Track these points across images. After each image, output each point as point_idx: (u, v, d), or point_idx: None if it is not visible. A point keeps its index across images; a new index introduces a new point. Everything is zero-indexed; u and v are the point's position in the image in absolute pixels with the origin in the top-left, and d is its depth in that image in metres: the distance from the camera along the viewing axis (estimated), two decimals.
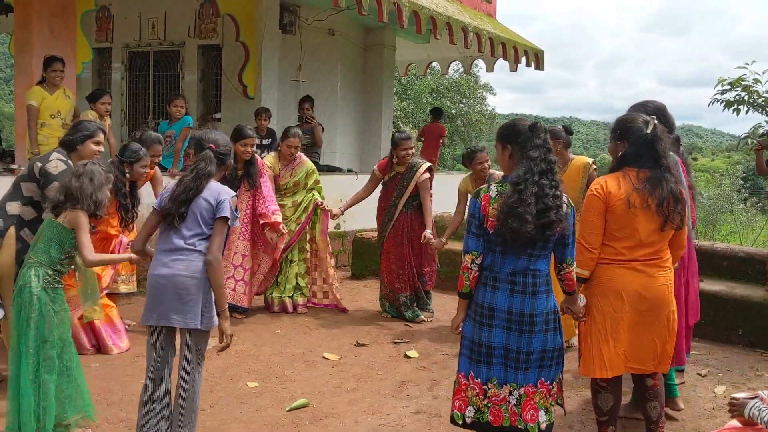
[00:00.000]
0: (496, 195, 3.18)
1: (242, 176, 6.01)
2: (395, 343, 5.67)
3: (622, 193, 3.37)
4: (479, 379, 3.26)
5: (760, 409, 2.67)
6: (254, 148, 6.00)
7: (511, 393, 3.22)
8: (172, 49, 10.59)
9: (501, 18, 13.09)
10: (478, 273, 3.23)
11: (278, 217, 6.06)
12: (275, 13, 9.74)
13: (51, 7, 7.37)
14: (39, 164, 4.13)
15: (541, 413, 3.25)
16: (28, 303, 3.44)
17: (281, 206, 6.38)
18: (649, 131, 3.42)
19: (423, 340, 5.81)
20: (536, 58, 12.23)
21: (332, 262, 6.76)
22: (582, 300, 3.53)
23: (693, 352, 5.57)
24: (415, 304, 6.42)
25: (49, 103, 6.79)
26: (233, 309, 6.17)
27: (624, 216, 3.37)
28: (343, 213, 6.60)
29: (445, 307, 6.92)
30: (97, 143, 4.33)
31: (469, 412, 3.29)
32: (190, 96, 9.64)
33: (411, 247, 6.36)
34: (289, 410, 4.18)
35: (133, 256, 3.80)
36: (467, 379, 3.30)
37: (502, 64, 12.39)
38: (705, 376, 5.06)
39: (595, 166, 5.57)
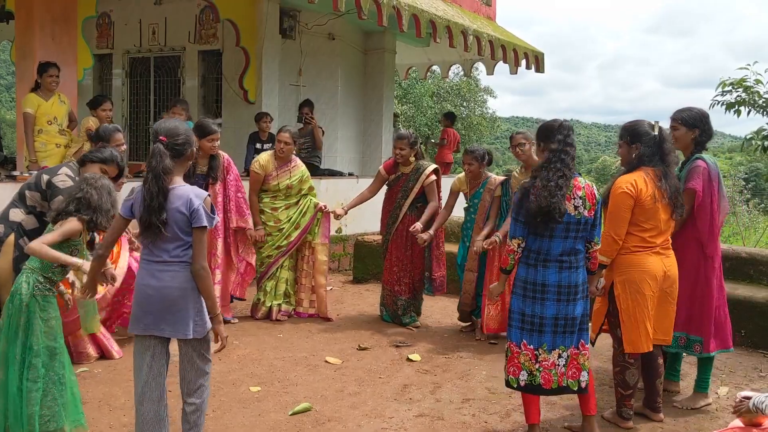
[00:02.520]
0: None
1: (208, 173, 5.93)
2: (397, 346, 5.67)
3: (650, 189, 3.90)
4: (531, 346, 3.67)
5: (762, 401, 2.74)
6: (218, 143, 5.89)
7: (560, 356, 3.67)
8: (173, 55, 10.64)
9: (501, 21, 13.13)
10: (520, 254, 3.69)
11: (247, 222, 6.06)
12: (275, 18, 9.77)
13: (52, 13, 7.39)
14: (46, 177, 4.17)
15: (583, 373, 3.72)
16: (17, 309, 3.43)
17: (274, 209, 6.31)
18: (656, 133, 3.97)
19: (425, 343, 5.80)
20: (536, 61, 12.25)
21: (327, 269, 6.61)
22: (601, 282, 3.99)
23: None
24: (412, 308, 6.40)
25: (45, 109, 6.75)
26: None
27: (651, 209, 3.89)
28: (346, 213, 6.45)
29: (446, 309, 6.92)
30: (103, 171, 4.33)
31: (522, 376, 3.69)
32: (190, 101, 9.62)
33: (413, 250, 6.35)
34: (292, 414, 4.18)
35: (82, 263, 3.57)
36: (519, 347, 3.70)
37: (502, 66, 12.40)
38: None
39: None
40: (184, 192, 3.13)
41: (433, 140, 12.70)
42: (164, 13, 10.50)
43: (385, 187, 6.52)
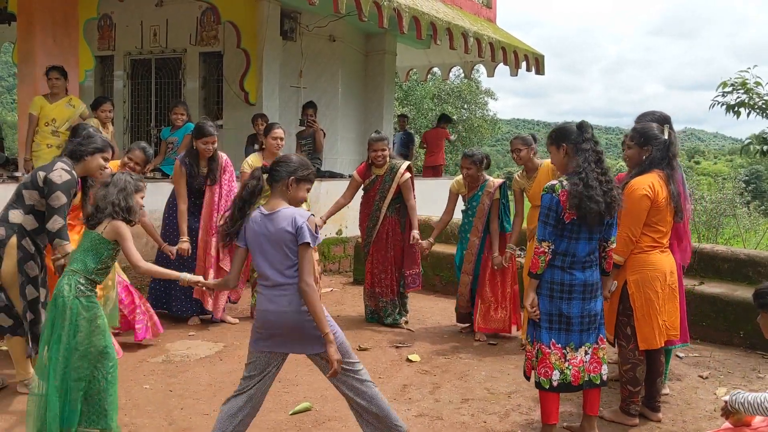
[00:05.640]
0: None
1: (207, 174, 5.98)
2: (397, 347, 5.69)
3: (665, 191, 4.02)
4: (560, 344, 3.72)
5: (737, 395, 2.84)
6: (215, 145, 5.95)
7: (586, 352, 3.74)
8: (174, 57, 10.65)
9: (503, 24, 13.19)
10: (551, 257, 3.66)
11: None
12: (276, 20, 9.79)
13: (54, 15, 7.42)
14: (42, 173, 4.15)
15: (604, 366, 3.79)
16: (60, 312, 3.42)
17: None
18: (666, 137, 4.07)
19: (425, 343, 5.82)
20: (537, 63, 12.28)
21: (320, 269, 6.60)
22: (614, 285, 4.06)
23: (694, 354, 5.60)
24: (396, 310, 6.39)
25: (47, 111, 6.81)
26: (205, 313, 6.18)
27: (664, 210, 4.03)
28: (325, 223, 6.39)
29: (446, 311, 6.93)
30: (105, 159, 4.35)
31: (555, 376, 3.70)
32: (191, 103, 9.67)
33: (394, 251, 6.34)
34: (292, 414, 4.20)
35: (196, 279, 3.69)
36: (550, 347, 3.72)
37: (503, 68, 12.42)
38: (706, 378, 5.07)
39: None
40: (289, 213, 3.28)
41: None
42: (165, 15, 10.51)
43: (360, 192, 6.52)
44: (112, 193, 3.54)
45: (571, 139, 3.70)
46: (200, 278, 3.72)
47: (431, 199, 8.40)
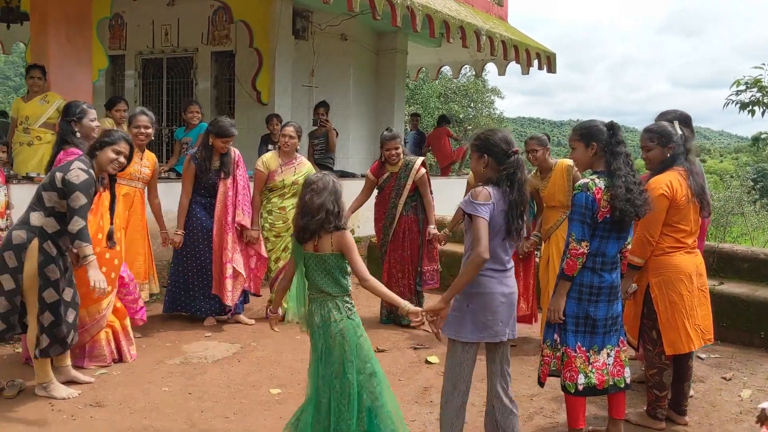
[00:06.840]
0: (605, 188, 3.55)
1: (219, 167, 6.01)
2: (415, 348, 5.65)
3: (684, 189, 3.94)
4: (584, 348, 3.68)
5: None
6: (231, 143, 6.05)
7: (608, 355, 3.70)
8: (186, 56, 10.63)
9: (512, 22, 13.07)
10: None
11: (246, 220, 6.09)
12: (288, 19, 9.75)
13: (67, 15, 7.38)
14: (60, 174, 4.13)
15: (626, 369, 3.75)
16: (336, 338, 3.31)
17: (282, 209, 6.30)
18: (680, 133, 4.03)
19: (443, 345, 5.76)
20: (548, 61, 12.20)
21: None
22: (633, 287, 4.04)
23: (716, 355, 5.55)
24: None
25: (23, 110, 6.79)
26: (220, 314, 6.19)
27: (685, 209, 3.95)
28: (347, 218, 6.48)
29: None
30: (117, 152, 4.32)
31: (581, 380, 3.67)
32: (203, 102, 9.64)
33: (411, 250, 6.32)
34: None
35: (417, 309, 3.42)
36: (575, 351, 3.68)
37: (512, 67, 12.36)
38: (730, 379, 5.02)
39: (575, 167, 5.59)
40: None
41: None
42: (177, 14, 10.49)
43: (375, 191, 6.51)
44: (323, 198, 3.32)
45: (602, 139, 3.63)
46: (419, 309, 3.45)
47: (442, 197, 8.36)
